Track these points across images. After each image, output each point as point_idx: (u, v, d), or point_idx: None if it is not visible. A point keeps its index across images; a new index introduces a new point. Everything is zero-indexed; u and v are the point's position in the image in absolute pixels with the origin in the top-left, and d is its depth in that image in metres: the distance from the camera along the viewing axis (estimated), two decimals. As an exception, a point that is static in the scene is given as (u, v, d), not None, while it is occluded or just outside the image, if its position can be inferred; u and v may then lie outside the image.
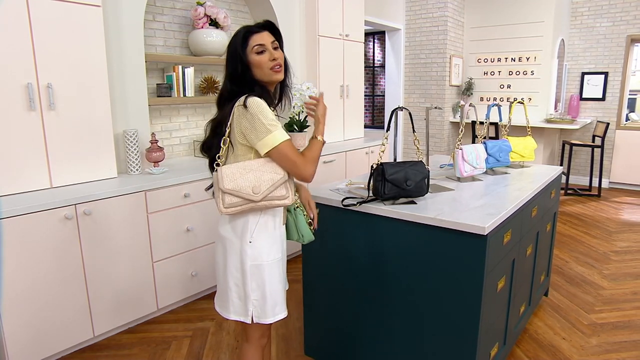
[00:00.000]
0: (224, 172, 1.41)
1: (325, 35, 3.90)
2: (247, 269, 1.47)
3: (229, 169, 1.42)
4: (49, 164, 2.32)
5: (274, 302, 1.51)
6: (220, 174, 1.42)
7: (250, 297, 1.49)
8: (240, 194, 1.40)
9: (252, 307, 1.50)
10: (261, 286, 1.49)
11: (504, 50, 5.99)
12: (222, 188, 1.40)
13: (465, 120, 3.09)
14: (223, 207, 1.40)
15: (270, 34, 1.50)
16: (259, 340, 1.59)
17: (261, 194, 1.41)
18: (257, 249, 1.48)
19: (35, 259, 2.10)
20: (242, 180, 1.41)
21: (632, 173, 5.98)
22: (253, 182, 1.40)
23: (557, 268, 3.43)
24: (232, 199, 1.40)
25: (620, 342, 2.43)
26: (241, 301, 1.51)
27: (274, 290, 1.51)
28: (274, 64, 1.46)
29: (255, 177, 1.41)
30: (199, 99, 3.19)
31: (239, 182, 1.40)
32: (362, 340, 2.02)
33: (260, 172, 1.42)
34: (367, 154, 4.24)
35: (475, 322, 1.66)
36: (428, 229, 1.71)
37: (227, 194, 1.40)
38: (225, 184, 1.40)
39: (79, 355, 2.35)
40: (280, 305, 1.55)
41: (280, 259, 1.54)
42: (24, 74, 2.17)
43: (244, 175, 1.41)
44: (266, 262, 1.49)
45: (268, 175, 1.42)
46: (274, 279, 1.51)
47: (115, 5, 2.62)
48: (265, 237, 1.49)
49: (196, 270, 2.84)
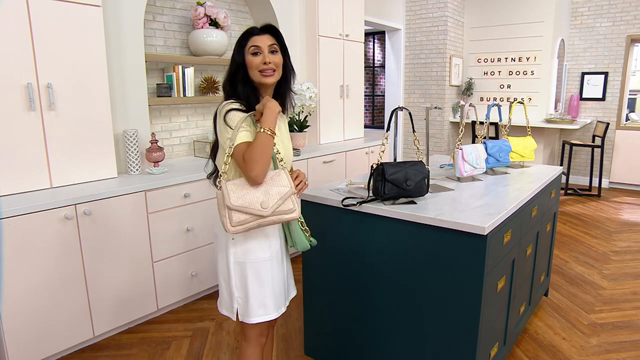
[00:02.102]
0: (230, 188, 1.34)
1: (325, 35, 3.90)
2: (231, 266, 1.50)
3: (234, 184, 1.36)
4: (49, 164, 2.32)
5: (258, 302, 1.50)
6: (225, 190, 1.34)
7: (234, 295, 1.52)
8: (248, 210, 1.33)
9: (236, 305, 1.53)
10: (244, 284, 1.50)
11: (504, 50, 5.99)
12: (229, 205, 1.32)
13: (465, 120, 3.10)
14: (231, 225, 1.33)
15: (271, 37, 1.50)
16: (257, 339, 1.59)
17: (270, 209, 1.35)
18: (241, 247, 1.48)
19: (35, 258, 2.10)
20: (249, 196, 1.34)
21: (632, 173, 5.98)
22: (261, 197, 1.34)
23: (557, 268, 3.43)
24: (240, 216, 1.33)
25: (620, 342, 2.43)
26: (229, 297, 1.54)
27: (260, 290, 1.50)
28: (265, 67, 1.47)
29: (263, 191, 1.35)
30: (199, 99, 3.19)
31: (247, 198, 1.33)
32: (362, 340, 2.02)
33: (267, 186, 1.37)
34: (367, 154, 4.24)
35: (475, 322, 1.66)
36: (428, 229, 1.71)
37: (235, 210, 1.33)
38: (233, 201, 1.32)
39: (79, 355, 2.35)
40: (267, 307, 1.52)
41: (269, 259, 1.51)
42: (24, 74, 2.17)
43: (251, 190, 1.35)
44: (250, 261, 1.48)
45: (275, 189, 1.37)
46: (260, 279, 1.49)
47: (115, 5, 2.62)
48: (250, 235, 1.48)
49: (196, 270, 2.84)
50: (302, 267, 2.18)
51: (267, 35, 1.50)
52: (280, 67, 1.52)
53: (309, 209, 2.07)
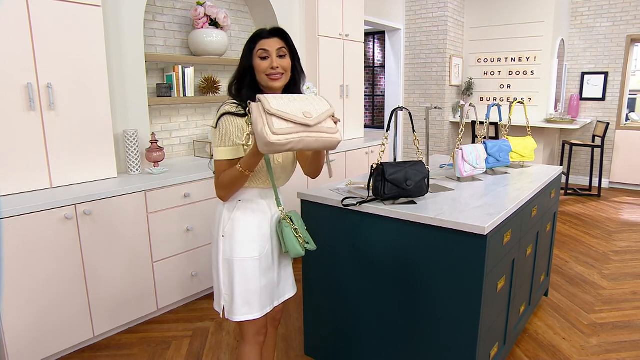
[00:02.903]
0: (269, 97, 1.25)
1: (325, 35, 3.90)
2: (219, 262, 1.52)
3: (272, 96, 1.27)
4: (49, 164, 2.32)
5: (243, 300, 1.50)
6: (264, 98, 1.24)
7: (222, 291, 1.53)
8: (290, 117, 1.22)
9: (223, 302, 1.54)
10: (231, 282, 1.51)
11: (504, 50, 5.99)
12: (268, 109, 1.20)
13: (465, 120, 3.10)
14: (271, 132, 1.18)
15: (280, 40, 1.50)
16: (254, 338, 1.59)
17: (315, 119, 1.26)
18: (229, 244, 1.49)
19: (35, 258, 2.10)
20: (290, 105, 1.25)
21: (632, 173, 5.98)
22: (302, 108, 1.26)
23: (557, 268, 3.43)
24: (282, 123, 1.21)
25: (620, 342, 2.43)
26: (218, 294, 1.56)
27: (245, 288, 1.50)
28: (272, 72, 1.47)
29: (302, 104, 1.28)
30: (199, 99, 3.20)
31: (287, 106, 1.24)
32: (362, 340, 2.02)
33: (307, 101, 1.30)
34: (367, 154, 4.24)
35: (475, 322, 1.66)
36: (428, 229, 1.71)
37: (276, 117, 1.21)
38: (273, 106, 1.22)
39: (79, 355, 2.35)
40: (251, 306, 1.51)
41: (257, 258, 1.51)
42: (24, 74, 2.17)
43: (288, 103, 1.26)
44: (237, 259, 1.49)
45: (314, 105, 1.30)
46: (246, 278, 1.50)
47: (115, 5, 2.62)
48: (240, 232, 1.49)
49: (196, 270, 2.84)
50: (302, 267, 2.18)
51: (276, 39, 1.49)
52: (289, 70, 1.51)
53: (309, 209, 2.07)
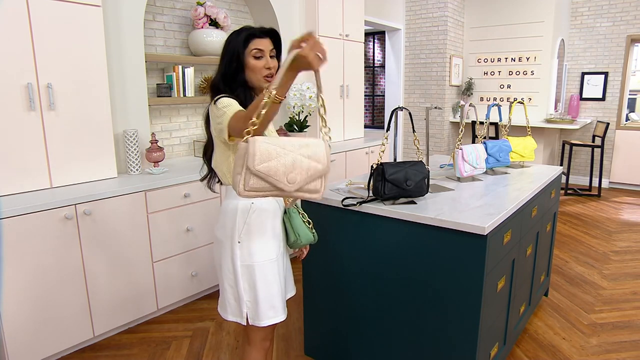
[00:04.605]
0: (258, 146, 1.10)
1: (325, 35, 3.90)
2: (238, 269, 1.47)
3: (265, 143, 1.11)
4: (49, 164, 2.32)
5: (268, 304, 1.49)
6: (252, 147, 1.09)
7: (243, 299, 1.48)
8: (271, 179, 1.12)
9: (245, 309, 1.49)
10: (253, 287, 1.47)
11: (504, 50, 5.99)
12: (250, 167, 1.09)
13: (465, 120, 3.10)
14: (244, 189, 1.12)
15: (271, 42, 1.50)
16: (261, 343, 1.57)
17: (296, 184, 1.14)
18: (247, 250, 1.46)
19: (35, 259, 2.10)
20: (276, 163, 1.11)
21: (632, 173, 5.98)
22: (289, 168, 1.13)
23: (557, 268, 3.43)
24: (259, 182, 1.12)
25: (620, 342, 2.43)
26: (236, 302, 1.50)
27: (268, 292, 1.48)
28: (268, 72, 1.46)
29: (293, 161, 1.13)
30: (199, 99, 3.19)
31: (273, 164, 1.11)
32: (362, 340, 2.02)
33: (300, 153, 1.15)
34: (367, 154, 4.24)
35: (475, 322, 1.66)
36: (428, 229, 1.71)
37: (256, 176, 1.11)
38: (257, 163, 1.09)
39: (79, 355, 2.35)
40: (276, 309, 1.51)
41: (275, 259, 1.50)
42: (24, 74, 2.17)
43: (281, 156, 1.12)
44: (257, 263, 1.46)
45: (308, 162, 1.15)
46: (268, 281, 1.48)
47: (115, 5, 2.62)
48: (256, 237, 1.47)
49: (196, 270, 2.84)
50: (302, 267, 2.17)
51: (268, 40, 1.49)
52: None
53: (309, 209, 2.07)
